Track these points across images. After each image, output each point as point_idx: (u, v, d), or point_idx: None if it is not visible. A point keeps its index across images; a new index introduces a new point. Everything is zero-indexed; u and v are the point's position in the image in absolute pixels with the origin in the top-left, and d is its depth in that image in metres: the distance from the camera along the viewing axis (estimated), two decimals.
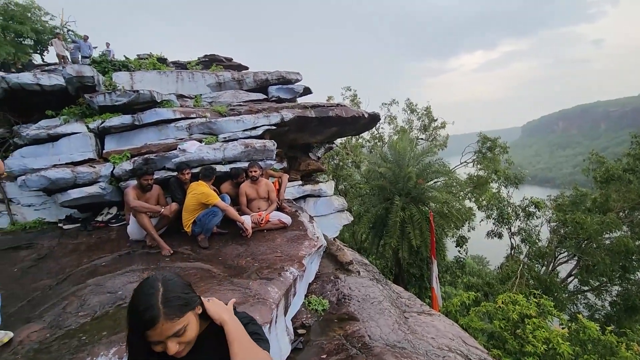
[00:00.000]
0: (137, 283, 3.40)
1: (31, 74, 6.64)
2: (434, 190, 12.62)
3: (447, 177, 13.88)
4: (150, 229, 4.18)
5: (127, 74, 7.81)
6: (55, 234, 4.94)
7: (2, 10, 16.95)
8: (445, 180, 14.08)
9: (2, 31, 16.81)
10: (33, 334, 2.78)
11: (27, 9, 18.41)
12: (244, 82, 8.20)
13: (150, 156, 5.11)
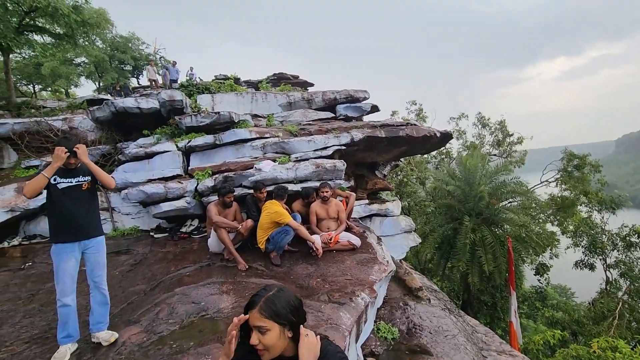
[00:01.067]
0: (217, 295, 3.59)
1: (133, 98, 7.65)
2: (510, 212, 11.57)
3: (524, 197, 12.66)
4: (229, 244, 4.46)
5: (209, 96, 8.58)
6: (148, 241, 5.53)
7: (110, 42, 19.90)
8: (522, 200, 12.85)
9: (110, 60, 19.71)
10: (133, 336, 3.11)
11: (129, 39, 21.41)
12: (313, 101, 8.48)
13: (230, 174, 5.50)
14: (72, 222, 2.91)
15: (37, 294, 4.17)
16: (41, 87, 19.58)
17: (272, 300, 1.27)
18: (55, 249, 2.89)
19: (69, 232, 2.90)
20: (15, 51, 11.65)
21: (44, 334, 3.39)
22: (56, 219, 2.90)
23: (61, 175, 2.94)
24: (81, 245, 2.98)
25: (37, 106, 10.50)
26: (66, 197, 2.89)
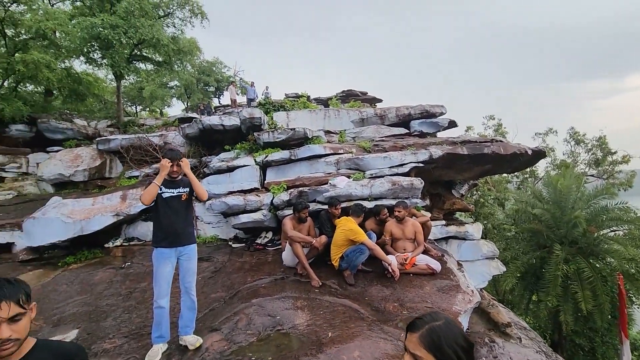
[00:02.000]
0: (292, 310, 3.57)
1: (218, 116, 8.30)
2: (614, 242, 9.89)
3: (633, 225, 10.74)
4: (303, 259, 4.47)
5: (284, 113, 8.97)
6: (227, 250, 5.84)
7: (198, 67, 22.22)
8: (630, 230, 10.92)
9: (197, 82, 21.99)
10: (215, 343, 3.23)
11: (213, 64, 23.71)
12: (386, 117, 8.35)
13: (304, 189, 5.59)
14: (172, 229, 3.16)
15: (134, 292, 4.61)
16: (142, 107, 22.59)
17: (436, 331, 1.12)
18: (156, 253, 3.16)
19: (168, 238, 3.15)
20: (126, 78, 13.61)
21: (139, 330, 3.70)
22: (159, 225, 3.18)
23: (166, 186, 3.23)
24: (177, 252, 3.22)
25: (139, 124, 12.05)
26: (168, 206, 3.17)
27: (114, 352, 3.32)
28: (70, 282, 5.01)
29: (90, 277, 5.15)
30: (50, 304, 4.49)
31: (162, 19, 12.19)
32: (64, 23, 9.87)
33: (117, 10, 10.39)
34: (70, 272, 5.37)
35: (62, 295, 4.67)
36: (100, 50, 11.21)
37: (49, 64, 9.45)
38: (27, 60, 8.96)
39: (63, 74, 10.50)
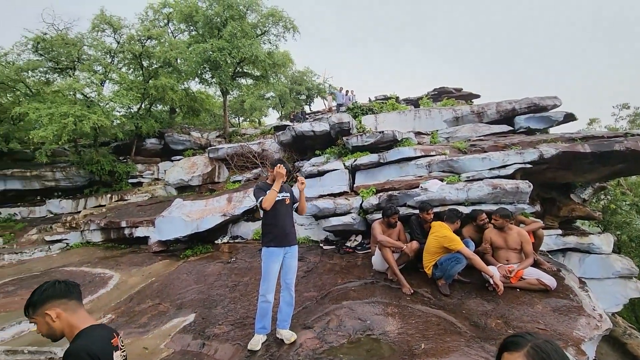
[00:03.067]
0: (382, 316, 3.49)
1: (308, 123, 8.71)
2: None
3: None
4: (393, 264, 4.37)
5: (373, 116, 8.92)
6: (318, 252, 6.06)
7: (291, 77, 23.64)
8: None
9: (289, 92, 23.43)
10: (308, 341, 3.38)
11: (304, 73, 24.95)
12: (484, 114, 7.62)
13: (394, 193, 5.46)
14: (282, 230, 3.44)
15: (238, 285, 5.13)
16: (244, 118, 25.10)
17: (545, 350, 1.05)
18: (266, 252, 3.45)
19: (277, 239, 3.44)
20: (230, 93, 15.32)
21: (243, 320, 4.10)
22: (270, 227, 3.49)
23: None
24: (284, 251, 3.48)
25: (242, 134, 13.42)
26: (277, 209, 3.46)
27: (222, 337, 3.75)
28: (189, 273, 5.85)
29: (203, 269, 5.93)
30: (175, 290, 5.31)
31: (259, 37, 13.38)
32: (183, 51, 11.62)
33: (223, 34, 11.78)
34: (189, 264, 6.26)
35: (183, 283, 5.47)
36: (210, 71, 12.86)
37: (173, 87, 11.23)
38: (158, 85, 10.80)
39: (183, 94, 12.37)
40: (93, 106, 9.80)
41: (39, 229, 8.87)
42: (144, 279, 5.85)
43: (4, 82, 10.02)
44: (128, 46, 11.07)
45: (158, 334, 4.10)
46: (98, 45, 11.09)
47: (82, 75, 10.51)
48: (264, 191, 3.46)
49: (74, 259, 7.02)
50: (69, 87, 9.66)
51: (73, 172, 10.44)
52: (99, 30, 11.29)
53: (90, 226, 7.95)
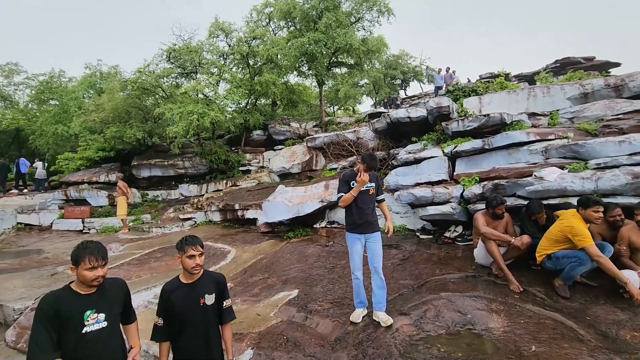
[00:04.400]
0: (486, 312, 3.32)
1: (404, 109, 8.47)
2: None
3: None
4: (499, 259, 4.07)
5: (476, 98, 8.18)
6: (414, 240, 5.98)
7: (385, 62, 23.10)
8: None
9: (383, 77, 22.99)
10: (405, 327, 3.44)
11: (399, 57, 24.10)
12: (624, 87, 6.29)
13: (501, 182, 5.00)
14: (363, 219, 3.64)
15: (336, 267, 5.44)
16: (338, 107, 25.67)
17: None
18: (349, 236, 3.76)
19: (360, 227, 3.65)
20: (325, 83, 15.81)
21: (341, 300, 4.37)
22: (353, 215, 3.70)
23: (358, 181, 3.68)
24: (365, 236, 3.67)
25: (337, 122, 13.80)
26: (360, 199, 3.63)
27: (323, 313, 4.07)
28: (291, 253, 6.42)
29: (304, 250, 6.43)
30: (280, 267, 5.91)
31: (353, 25, 13.41)
32: (283, 47, 12.43)
33: (319, 27, 12.19)
34: (291, 245, 6.86)
35: (287, 261, 6.05)
36: (307, 63, 13.50)
37: (275, 82, 12.16)
38: (262, 81, 11.85)
39: (283, 88, 13.28)
40: (211, 104, 11.31)
41: (175, 209, 10.79)
42: (254, 255, 6.65)
43: (148, 88, 12.29)
44: (237, 48, 12.35)
45: (268, 303, 4.66)
46: (214, 49, 12.67)
47: (202, 78, 12.18)
48: (347, 185, 3.67)
49: (201, 235, 8.31)
50: (193, 89, 11.34)
51: (197, 161, 12.30)
52: (214, 36, 12.85)
53: (211, 207, 9.32)
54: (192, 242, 2.32)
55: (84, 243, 2.01)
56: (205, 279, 2.39)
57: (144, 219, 10.50)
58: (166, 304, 2.27)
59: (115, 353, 2.06)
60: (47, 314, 1.79)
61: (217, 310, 2.38)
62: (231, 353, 2.43)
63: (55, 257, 7.44)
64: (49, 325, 1.78)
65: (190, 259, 2.26)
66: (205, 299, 2.30)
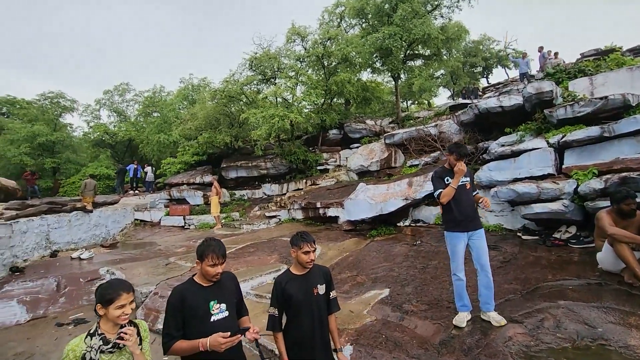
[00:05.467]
0: (621, 326, 2.85)
1: (495, 98, 7.77)
2: None
3: None
4: (634, 264, 3.47)
5: (586, 79, 7.13)
6: (515, 241, 5.44)
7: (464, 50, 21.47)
8: None
9: (462, 66, 21.41)
10: (519, 335, 3.13)
11: (480, 42, 22.19)
12: None
13: (630, 175, 4.26)
14: (464, 216, 3.40)
15: (427, 268, 5.21)
16: (412, 101, 24.72)
17: None
18: (449, 235, 3.54)
19: (461, 224, 3.42)
20: (401, 78, 15.34)
21: (437, 302, 4.16)
22: (452, 213, 3.47)
23: (451, 176, 3.46)
24: (468, 235, 3.43)
25: (414, 118, 13.29)
26: (459, 195, 3.40)
27: (420, 315, 3.92)
28: (377, 251, 6.35)
29: (390, 249, 6.31)
30: (367, 265, 5.88)
31: (430, 14, 12.74)
32: (357, 45, 12.38)
33: (393, 20, 11.85)
34: (376, 243, 6.79)
35: (373, 260, 6.00)
36: (381, 59, 13.24)
37: (350, 80, 12.18)
38: (337, 81, 11.97)
39: (358, 86, 13.23)
40: (290, 106, 11.81)
41: (260, 207, 11.52)
42: (339, 253, 6.74)
43: (233, 96, 13.34)
44: (312, 50, 12.67)
45: (359, 301, 4.67)
46: (290, 54, 13.20)
47: (281, 82, 12.78)
48: (442, 181, 3.46)
49: (286, 232, 8.76)
50: (273, 93, 11.96)
51: (278, 162, 12.95)
52: (291, 41, 13.37)
53: (294, 206, 9.72)
54: (307, 238, 2.41)
55: (208, 241, 2.20)
56: (315, 271, 2.49)
57: (234, 217, 11.42)
58: (282, 294, 2.40)
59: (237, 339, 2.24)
60: (174, 303, 2.05)
61: (326, 300, 2.46)
62: (338, 342, 2.50)
63: (166, 249, 8.50)
64: (177, 312, 2.03)
65: (306, 254, 2.36)
66: (318, 288, 2.40)
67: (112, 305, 1.81)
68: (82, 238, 9.19)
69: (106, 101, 21.70)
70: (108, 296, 1.82)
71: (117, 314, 1.81)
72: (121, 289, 1.86)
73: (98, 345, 1.78)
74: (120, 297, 1.82)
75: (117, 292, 1.83)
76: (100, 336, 1.81)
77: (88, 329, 1.89)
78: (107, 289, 1.86)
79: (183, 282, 2.23)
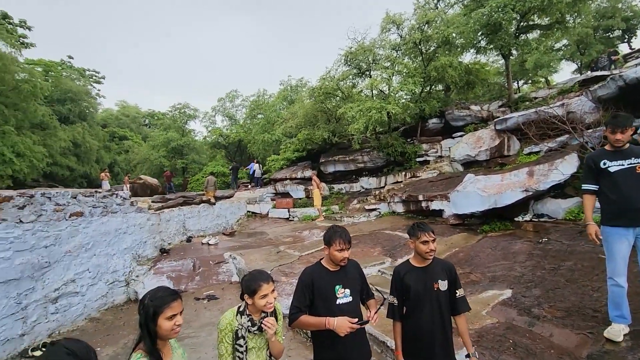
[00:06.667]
0: None
1: None
2: None
3: None
4: None
5: None
6: None
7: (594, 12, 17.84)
8: None
9: (593, 32, 17.82)
10: None
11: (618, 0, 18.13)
12: None
13: None
14: (628, 206, 2.78)
15: (559, 269, 4.52)
16: (524, 81, 21.70)
17: None
18: (607, 230, 2.92)
19: (624, 217, 2.81)
20: (513, 55, 13.58)
21: (578, 309, 3.57)
22: (609, 203, 2.89)
23: (611, 158, 2.88)
24: (635, 232, 2.80)
25: (531, 98, 11.64)
26: (622, 180, 2.80)
27: (557, 322, 3.42)
28: (493, 248, 5.78)
29: (509, 246, 5.67)
30: (481, 262, 5.41)
31: None
32: (460, 24, 11.37)
33: None
34: (490, 239, 6.20)
35: (489, 257, 5.48)
36: (487, 36, 11.89)
37: (452, 64, 11.28)
38: (437, 66, 11.22)
39: (462, 69, 12.16)
40: (386, 98, 11.56)
41: (358, 200, 11.62)
42: (447, 248, 6.35)
43: (330, 92, 13.70)
44: (409, 37, 12.12)
45: (475, 300, 4.31)
46: (386, 44, 12.88)
47: (377, 74, 12.60)
48: (593, 170, 2.95)
49: (386, 225, 8.66)
50: (369, 86, 11.88)
51: (375, 155, 12.85)
52: (386, 30, 13.03)
53: (394, 199, 9.52)
54: (424, 228, 2.32)
55: (334, 228, 2.31)
56: (436, 265, 2.37)
57: (334, 209, 11.78)
58: (400, 284, 2.36)
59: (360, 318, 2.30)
60: (305, 282, 2.21)
61: (449, 298, 2.32)
62: (471, 346, 2.32)
63: (275, 238, 9.27)
64: (306, 289, 2.19)
65: (424, 244, 2.27)
66: (439, 284, 2.28)
67: (256, 295, 1.98)
68: (208, 227, 10.66)
69: (219, 107, 24.67)
70: (252, 287, 1.99)
71: (262, 304, 1.98)
72: (261, 280, 2.02)
73: (246, 326, 2.00)
74: (261, 288, 1.98)
75: (258, 283, 2.00)
76: (249, 317, 2.02)
77: (219, 304, 2.16)
78: (249, 280, 2.04)
79: (312, 264, 2.39)
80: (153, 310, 1.58)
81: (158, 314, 1.58)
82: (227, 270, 7.23)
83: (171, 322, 1.60)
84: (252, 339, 2.01)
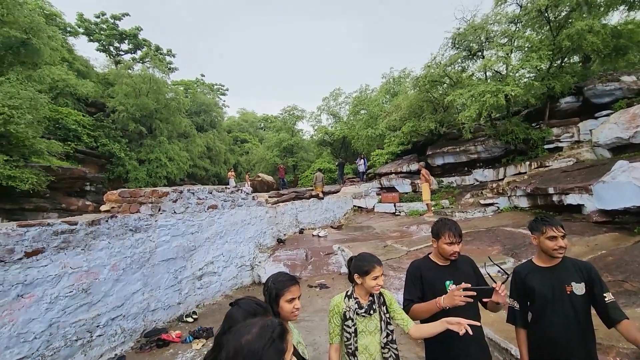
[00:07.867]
0: None
1: None
2: None
3: None
4: None
5: None
6: None
7: None
8: None
9: None
10: None
11: None
12: None
13: None
14: None
15: None
16: None
17: None
18: None
19: None
20: None
21: None
22: None
23: None
24: None
25: None
26: None
27: None
28: None
29: None
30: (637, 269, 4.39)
31: None
32: None
33: None
34: None
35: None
36: None
37: (592, 27, 9.30)
38: (571, 34, 9.41)
39: (606, 32, 9.92)
40: (504, 79, 10.26)
41: (472, 194, 10.69)
42: (589, 250, 5.36)
43: (436, 80, 12.91)
44: (532, 5, 10.48)
45: (632, 315, 3.50)
46: (502, 18, 11.42)
47: (491, 53, 11.30)
48: None
49: (507, 221, 7.75)
50: (482, 68, 10.74)
51: (490, 144, 11.58)
52: (502, 2, 11.55)
53: (516, 192, 8.45)
54: (551, 222, 2.04)
55: (444, 220, 2.22)
56: (568, 265, 2.05)
57: (443, 204, 11.11)
58: (521, 287, 2.13)
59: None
60: (414, 274, 2.22)
61: (589, 304, 1.98)
62: None
63: (382, 232, 9.29)
64: (416, 281, 2.19)
65: (551, 240, 1.99)
66: (572, 287, 1.96)
67: (368, 276, 2.05)
68: (318, 220, 11.33)
69: (324, 106, 25.78)
70: (365, 268, 2.07)
71: (373, 285, 2.05)
72: (374, 262, 2.09)
73: (354, 308, 2.10)
74: (374, 269, 2.06)
75: (372, 264, 2.07)
76: (356, 300, 2.11)
77: (330, 292, 2.29)
78: (362, 260, 2.12)
79: (419, 258, 2.36)
80: (275, 292, 1.74)
81: (279, 296, 1.73)
82: (336, 261, 7.59)
83: (291, 304, 1.73)
84: (362, 321, 2.09)
